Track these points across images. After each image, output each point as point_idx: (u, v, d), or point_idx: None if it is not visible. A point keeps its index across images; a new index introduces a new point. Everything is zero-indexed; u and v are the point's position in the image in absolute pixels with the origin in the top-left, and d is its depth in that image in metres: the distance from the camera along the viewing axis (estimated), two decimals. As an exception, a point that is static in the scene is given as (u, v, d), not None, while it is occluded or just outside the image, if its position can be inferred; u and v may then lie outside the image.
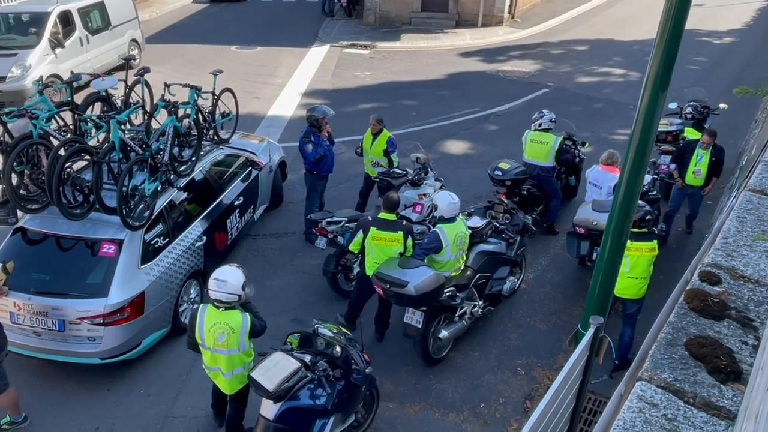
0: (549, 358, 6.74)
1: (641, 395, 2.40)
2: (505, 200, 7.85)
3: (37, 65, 12.33)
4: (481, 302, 6.89)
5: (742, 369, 2.54)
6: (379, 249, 6.48)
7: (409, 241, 6.50)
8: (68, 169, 6.37)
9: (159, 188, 6.74)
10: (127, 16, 15.12)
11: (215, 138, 8.34)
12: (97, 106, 7.66)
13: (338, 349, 5.21)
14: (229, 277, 4.99)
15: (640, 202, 5.43)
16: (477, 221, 7.11)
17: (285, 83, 14.76)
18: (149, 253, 6.42)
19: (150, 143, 6.83)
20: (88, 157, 6.46)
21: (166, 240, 6.70)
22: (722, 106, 9.65)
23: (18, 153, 6.09)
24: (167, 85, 7.63)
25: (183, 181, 7.15)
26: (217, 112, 8.60)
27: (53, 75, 12.26)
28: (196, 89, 7.83)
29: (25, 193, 6.42)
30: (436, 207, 6.65)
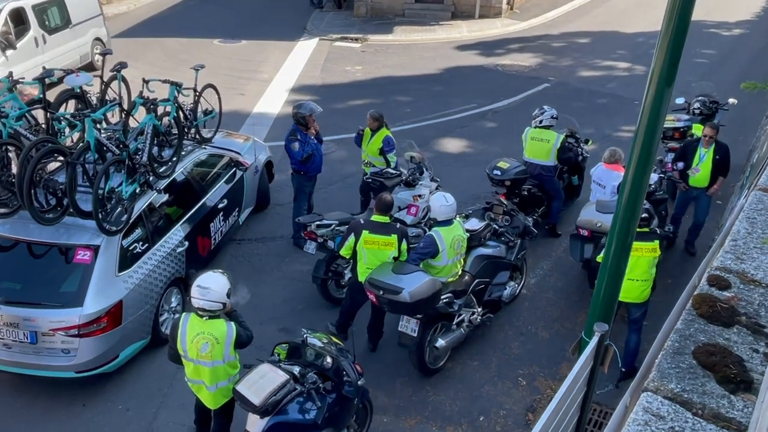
0: (552, 368, 6.76)
1: (647, 407, 2.41)
2: (505, 201, 7.87)
3: (-17, 69, 11.69)
4: (479, 309, 6.90)
5: (753, 378, 2.54)
6: (372, 253, 6.48)
7: (404, 245, 6.51)
8: (40, 171, 6.32)
9: (137, 191, 6.71)
10: (90, 13, 14.47)
11: (197, 137, 8.32)
12: (71, 103, 7.62)
13: (329, 360, 5.20)
14: (213, 285, 4.97)
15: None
16: (475, 224, 7.12)
17: (271, 79, 14.74)
18: (127, 259, 6.38)
19: (128, 143, 6.79)
20: (61, 158, 6.44)
21: (145, 245, 6.68)
22: (732, 101, 9.70)
23: (-14, 154, 6.06)
24: (146, 81, 7.59)
25: (163, 183, 7.12)
26: (199, 109, 8.57)
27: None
28: (176, 85, 7.80)
29: (-7, 196, 6.38)
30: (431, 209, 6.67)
